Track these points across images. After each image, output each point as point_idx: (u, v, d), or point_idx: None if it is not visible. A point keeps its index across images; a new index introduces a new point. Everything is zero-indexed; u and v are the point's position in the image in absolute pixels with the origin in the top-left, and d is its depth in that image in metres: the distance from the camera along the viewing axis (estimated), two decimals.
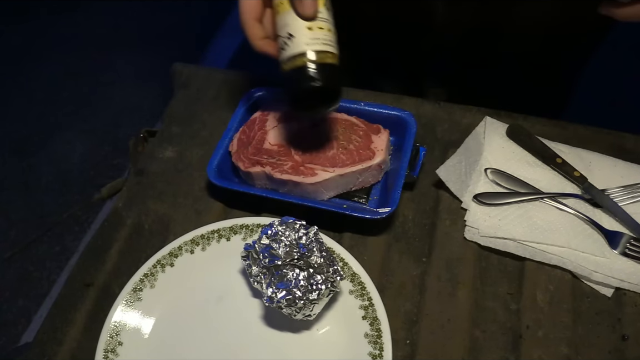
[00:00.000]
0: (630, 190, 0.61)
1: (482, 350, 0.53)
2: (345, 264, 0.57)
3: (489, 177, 0.63)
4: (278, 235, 0.53)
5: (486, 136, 0.67)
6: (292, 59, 0.52)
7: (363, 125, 0.65)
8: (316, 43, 0.51)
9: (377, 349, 0.51)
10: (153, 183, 0.68)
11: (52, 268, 1.66)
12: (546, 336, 0.53)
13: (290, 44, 0.52)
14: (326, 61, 0.52)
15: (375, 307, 0.54)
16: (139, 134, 0.73)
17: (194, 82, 0.79)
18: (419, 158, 0.64)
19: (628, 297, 0.56)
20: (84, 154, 1.93)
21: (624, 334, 0.53)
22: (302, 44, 0.51)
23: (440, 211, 0.63)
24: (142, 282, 0.57)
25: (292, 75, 0.52)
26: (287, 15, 0.52)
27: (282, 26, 0.53)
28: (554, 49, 0.75)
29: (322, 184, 0.61)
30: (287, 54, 0.52)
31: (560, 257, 0.57)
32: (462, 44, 0.74)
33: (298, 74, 0.52)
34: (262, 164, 0.63)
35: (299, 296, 0.50)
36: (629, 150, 0.67)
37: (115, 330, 0.54)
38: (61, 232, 1.74)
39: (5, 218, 1.77)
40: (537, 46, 0.73)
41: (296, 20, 0.52)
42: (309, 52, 0.51)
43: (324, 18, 0.52)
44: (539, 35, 0.72)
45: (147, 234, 0.64)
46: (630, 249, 0.57)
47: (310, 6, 0.50)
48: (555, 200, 0.61)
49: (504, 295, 0.57)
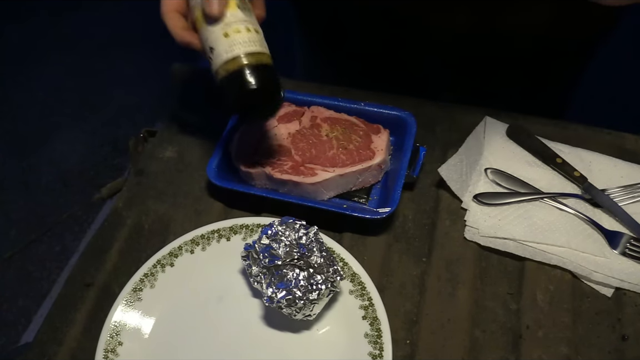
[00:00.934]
0: (630, 190, 0.61)
1: (482, 350, 0.53)
2: (345, 264, 0.57)
3: (489, 177, 0.63)
4: (278, 235, 0.53)
5: (486, 136, 0.67)
6: (219, 70, 0.51)
7: (363, 125, 0.65)
8: (237, 47, 0.50)
9: (377, 349, 0.51)
10: (153, 183, 0.68)
11: (52, 268, 1.66)
12: (546, 336, 0.53)
13: (213, 56, 0.51)
14: (253, 62, 0.50)
15: (375, 307, 0.54)
16: (139, 134, 0.73)
17: (194, 82, 0.79)
18: (419, 158, 0.64)
19: (628, 297, 0.56)
20: (84, 154, 1.93)
21: (624, 334, 0.53)
22: (222, 52, 0.50)
23: (440, 211, 0.63)
24: (142, 282, 0.57)
25: (224, 87, 0.51)
26: (204, 29, 0.51)
27: (204, 41, 0.52)
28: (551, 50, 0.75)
29: (322, 184, 0.61)
30: (214, 67, 0.51)
31: (560, 257, 0.57)
32: (458, 47, 0.74)
33: (228, 83, 0.51)
34: (262, 164, 0.63)
35: (299, 296, 0.50)
36: (629, 150, 0.67)
37: (115, 330, 0.54)
38: (61, 232, 1.74)
39: (6, 218, 1.77)
40: (534, 48, 0.74)
41: (212, 32, 0.50)
42: (233, 57, 0.50)
43: (239, 19, 0.51)
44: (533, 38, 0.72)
45: (147, 234, 0.64)
46: (630, 249, 0.57)
47: (216, 5, 0.49)
48: (555, 200, 0.61)
49: (504, 295, 0.57)
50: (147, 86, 2.06)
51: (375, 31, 0.77)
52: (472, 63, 0.78)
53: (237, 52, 0.50)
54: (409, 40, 0.76)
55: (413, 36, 0.75)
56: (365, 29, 0.78)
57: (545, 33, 0.71)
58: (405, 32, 0.75)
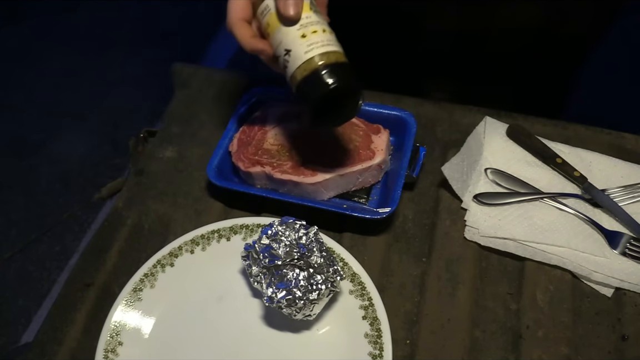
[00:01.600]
0: (630, 190, 0.61)
1: (482, 350, 0.53)
2: (345, 264, 0.57)
3: (489, 177, 0.63)
4: (278, 235, 0.53)
5: (486, 136, 0.67)
6: (297, 71, 0.50)
7: (363, 125, 0.65)
8: (316, 47, 0.49)
9: (377, 349, 0.51)
10: (153, 183, 0.68)
11: (52, 268, 1.66)
12: (546, 336, 0.53)
13: (290, 58, 0.50)
14: (333, 60, 0.49)
15: (375, 307, 0.54)
16: (139, 134, 0.73)
17: (194, 82, 0.79)
18: (419, 158, 0.64)
19: (628, 297, 0.56)
20: (84, 154, 1.93)
21: (624, 334, 0.53)
22: (301, 53, 0.49)
23: (440, 211, 0.63)
24: (142, 282, 0.57)
25: (303, 89, 0.50)
26: (278, 32, 0.51)
27: (277, 45, 0.51)
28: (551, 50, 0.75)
29: (322, 184, 0.61)
30: (291, 70, 0.50)
31: (560, 257, 0.57)
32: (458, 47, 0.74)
33: (309, 84, 0.49)
34: (262, 164, 0.63)
35: (299, 296, 0.50)
36: (629, 150, 0.67)
37: (115, 330, 0.54)
38: (61, 232, 1.74)
39: (5, 218, 1.77)
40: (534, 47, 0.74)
41: (288, 34, 0.50)
42: (313, 57, 0.49)
43: (314, 21, 0.51)
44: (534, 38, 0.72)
45: (147, 234, 0.64)
46: (630, 249, 0.57)
47: (293, 5, 0.49)
48: (555, 200, 0.61)
49: (504, 295, 0.57)
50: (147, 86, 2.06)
51: (374, 31, 0.77)
52: (472, 63, 0.78)
53: (317, 52, 0.49)
54: (409, 40, 0.76)
55: (413, 36, 0.75)
56: (365, 29, 0.77)
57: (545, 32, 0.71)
58: (405, 32, 0.75)
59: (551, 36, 0.72)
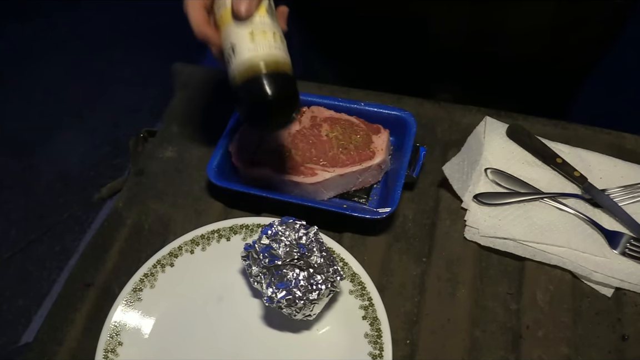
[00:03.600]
0: (630, 190, 0.61)
1: (482, 350, 0.53)
2: (345, 264, 0.57)
3: (489, 177, 0.63)
4: (278, 235, 0.53)
5: (486, 136, 0.67)
6: (238, 72, 0.49)
7: (363, 125, 0.65)
8: (261, 49, 0.49)
9: (377, 349, 0.51)
10: (153, 183, 0.68)
11: (52, 268, 1.66)
12: (546, 336, 0.53)
13: (234, 55, 0.49)
14: (274, 68, 0.49)
15: (375, 307, 0.54)
16: (139, 134, 0.73)
17: (194, 82, 0.79)
18: (419, 158, 0.64)
19: (628, 297, 0.56)
20: (84, 154, 1.93)
21: (624, 334, 0.53)
22: (245, 51, 0.49)
23: (440, 211, 0.63)
24: (142, 282, 0.57)
25: (241, 91, 0.49)
26: (229, 27, 0.50)
27: (225, 39, 0.51)
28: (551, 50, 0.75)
29: (322, 184, 0.61)
30: (233, 68, 0.50)
31: (560, 257, 0.57)
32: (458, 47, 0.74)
33: (247, 88, 0.49)
34: (262, 164, 0.63)
35: (299, 296, 0.50)
36: (629, 150, 0.67)
37: (115, 330, 0.54)
38: (61, 232, 1.74)
39: (5, 218, 1.77)
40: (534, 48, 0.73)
41: (237, 30, 0.50)
42: (258, 61, 0.48)
43: (267, 23, 0.50)
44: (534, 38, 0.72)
45: (147, 234, 0.64)
46: (630, 249, 0.57)
47: (247, 4, 0.48)
48: (555, 200, 0.61)
49: (504, 295, 0.57)
50: (147, 86, 2.06)
51: (375, 31, 0.77)
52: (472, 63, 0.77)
53: (261, 53, 0.49)
54: (409, 40, 0.76)
55: (413, 36, 0.75)
56: (365, 29, 0.77)
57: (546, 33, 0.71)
58: (406, 32, 0.75)
59: (554, 38, 0.72)
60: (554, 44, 0.73)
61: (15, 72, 2.20)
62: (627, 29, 0.69)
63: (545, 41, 0.72)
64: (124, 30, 2.31)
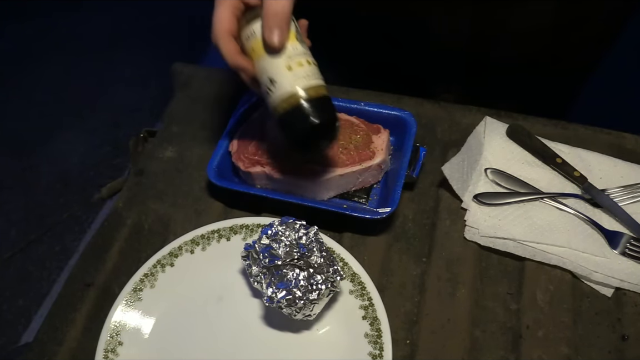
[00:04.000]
0: (630, 190, 0.61)
1: (482, 350, 0.53)
2: (345, 264, 0.57)
3: (489, 177, 0.63)
4: (278, 235, 0.53)
5: (486, 136, 0.67)
6: (281, 103, 0.50)
7: (363, 125, 0.65)
8: (301, 81, 0.50)
9: (377, 349, 0.51)
10: (153, 183, 0.68)
11: (52, 268, 1.66)
12: (546, 336, 0.53)
13: (274, 88, 0.50)
14: (314, 95, 0.50)
15: (375, 307, 0.54)
16: (139, 134, 0.73)
17: (194, 82, 0.79)
18: (419, 158, 0.64)
19: (628, 297, 0.56)
20: (84, 154, 1.93)
21: (624, 334, 0.53)
22: (286, 85, 0.50)
23: (440, 211, 0.63)
24: (142, 282, 0.57)
25: (286, 121, 0.51)
26: (263, 59, 0.51)
27: (261, 72, 0.51)
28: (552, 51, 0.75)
29: (322, 184, 0.61)
30: (274, 100, 0.51)
31: (560, 257, 0.57)
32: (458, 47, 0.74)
33: (292, 118, 0.50)
34: (262, 164, 0.63)
35: (299, 296, 0.50)
36: (629, 150, 0.67)
37: (115, 330, 0.54)
38: (61, 232, 1.74)
39: (5, 218, 1.77)
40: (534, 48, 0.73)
41: (273, 63, 0.50)
42: (298, 91, 0.50)
43: (300, 52, 0.51)
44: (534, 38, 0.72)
45: (147, 234, 0.64)
46: (630, 249, 0.57)
47: (279, 35, 0.49)
48: (555, 200, 0.61)
49: (504, 295, 0.57)
50: (147, 86, 2.06)
51: (376, 32, 0.77)
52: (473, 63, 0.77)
53: (302, 85, 0.50)
54: (410, 41, 0.76)
55: (414, 37, 0.75)
56: (366, 30, 0.77)
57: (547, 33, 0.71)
58: (407, 33, 0.75)
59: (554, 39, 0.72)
60: (554, 43, 0.73)
61: (15, 72, 2.20)
62: (627, 28, 0.68)
63: (546, 40, 0.72)
64: (124, 30, 2.31)
